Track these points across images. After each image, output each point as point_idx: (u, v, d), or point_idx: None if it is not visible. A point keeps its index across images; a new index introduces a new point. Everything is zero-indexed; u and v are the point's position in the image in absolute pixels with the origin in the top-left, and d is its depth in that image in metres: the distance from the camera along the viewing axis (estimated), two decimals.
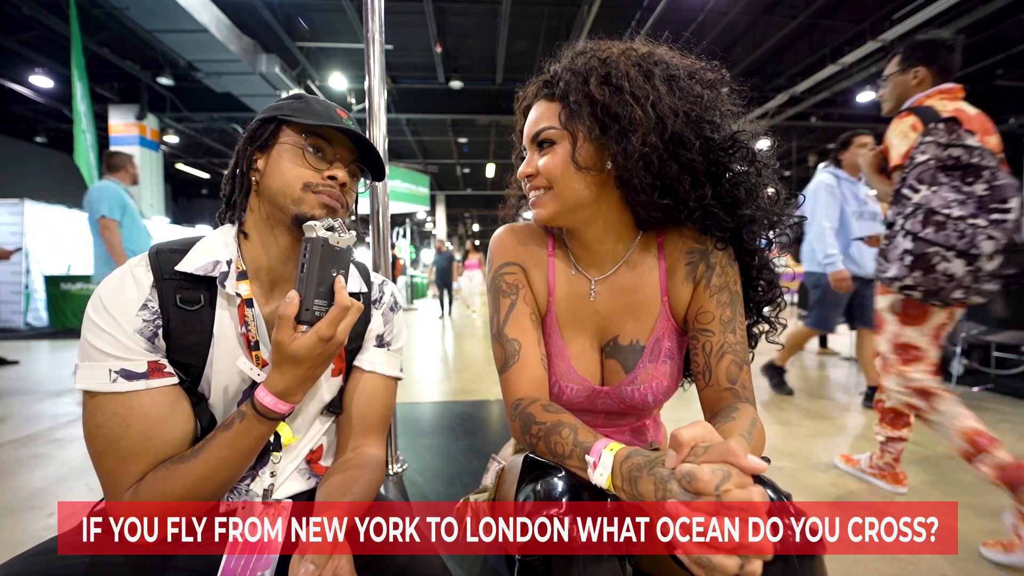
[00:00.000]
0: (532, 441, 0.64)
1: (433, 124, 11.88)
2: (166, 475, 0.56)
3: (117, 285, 0.59)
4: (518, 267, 0.78)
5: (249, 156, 0.67)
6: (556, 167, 0.68)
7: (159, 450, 0.57)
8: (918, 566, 1.26)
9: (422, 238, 26.60)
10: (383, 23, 1.47)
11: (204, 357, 0.62)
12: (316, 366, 0.58)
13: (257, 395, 0.58)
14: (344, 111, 0.70)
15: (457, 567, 1.03)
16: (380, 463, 0.71)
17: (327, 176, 0.65)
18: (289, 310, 0.55)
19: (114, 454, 0.55)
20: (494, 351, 0.76)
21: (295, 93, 0.71)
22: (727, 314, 0.70)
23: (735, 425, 0.58)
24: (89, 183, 7.15)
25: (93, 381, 0.55)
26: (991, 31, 7.34)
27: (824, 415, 2.60)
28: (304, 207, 0.63)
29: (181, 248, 0.63)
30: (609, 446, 0.54)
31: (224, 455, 0.57)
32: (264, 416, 0.58)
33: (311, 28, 7.62)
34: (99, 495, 0.60)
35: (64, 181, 11.92)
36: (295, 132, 0.66)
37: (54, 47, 7.53)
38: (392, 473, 1.55)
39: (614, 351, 0.77)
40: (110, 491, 0.56)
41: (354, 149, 0.70)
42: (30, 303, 6.78)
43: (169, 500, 0.55)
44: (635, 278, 0.76)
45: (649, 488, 0.47)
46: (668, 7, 6.25)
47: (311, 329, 0.56)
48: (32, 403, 2.90)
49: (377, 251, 1.52)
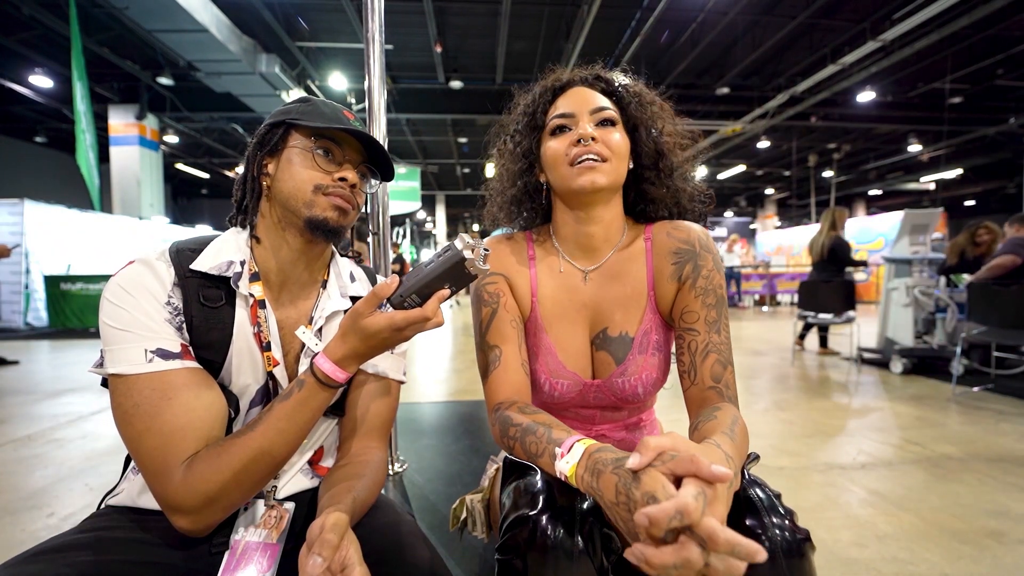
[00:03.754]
0: (510, 443, 0.65)
1: (433, 124, 11.87)
2: (223, 450, 0.55)
3: (137, 275, 0.59)
4: (500, 276, 0.80)
5: (259, 161, 0.68)
6: (620, 145, 0.74)
7: (204, 424, 0.57)
8: (918, 566, 1.26)
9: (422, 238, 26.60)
10: (383, 23, 1.47)
11: (224, 353, 0.63)
12: (374, 347, 0.60)
13: (317, 362, 0.59)
14: (350, 112, 0.71)
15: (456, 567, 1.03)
16: (382, 465, 0.71)
17: (338, 178, 0.66)
18: (384, 291, 0.58)
19: (157, 430, 0.54)
20: (478, 359, 0.78)
21: (302, 96, 0.72)
22: (712, 315, 0.72)
23: (717, 424, 0.59)
24: (89, 183, 7.17)
25: (127, 364, 0.55)
26: (991, 31, 7.34)
27: (824, 415, 2.60)
28: (316, 210, 0.65)
29: (197, 247, 0.65)
30: (583, 440, 0.55)
31: (283, 426, 0.58)
32: (323, 384, 0.59)
33: (311, 28, 7.62)
34: (99, 496, 0.60)
35: (64, 181, 11.93)
36: (304, 135, 0.66)
37: (54, 47, 7.53)
38: (392, 473, 1.55)
39: (604, 343, 0.78)
40: (158, 471, 0.54)
41: (362, 150, 0.71)
42: (30, 303, 6.78)
43: (226, 477, 0.54)
44: (625, 269, 0.78)
45: (610, 486, 0.47)
46: (668, 7, 6.24)
47: (390, 312, 0.58)
48: (32, 403, 2.90)
49: (377, 251, 1.51)
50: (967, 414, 2.58)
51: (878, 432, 2.31)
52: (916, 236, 3.80)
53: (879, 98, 9.69)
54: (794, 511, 0.55)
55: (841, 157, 13.80)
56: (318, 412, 0.61)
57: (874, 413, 2.64)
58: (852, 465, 1.92)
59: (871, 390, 3.18)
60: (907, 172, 15.53)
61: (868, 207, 19.31)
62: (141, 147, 9.29)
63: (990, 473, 1.83)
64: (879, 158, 14.50)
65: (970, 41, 7.66)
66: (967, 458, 1.97)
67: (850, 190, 18.01)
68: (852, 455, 2.02)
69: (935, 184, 16.45)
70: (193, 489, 0.54)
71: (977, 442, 2.14)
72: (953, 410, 2.66)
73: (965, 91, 9.76)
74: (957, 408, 2.70)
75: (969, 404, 2.77)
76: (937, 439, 2.20)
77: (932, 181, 15.89)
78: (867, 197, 19.19)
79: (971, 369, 3.51)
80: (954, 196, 18.71)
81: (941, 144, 12.02)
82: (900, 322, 3.77)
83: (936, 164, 14.31)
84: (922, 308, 3.69)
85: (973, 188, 17.08)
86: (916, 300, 3.65)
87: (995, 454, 2.01)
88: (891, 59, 7.39)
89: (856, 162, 14.93)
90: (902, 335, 3.74)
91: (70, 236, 7.38)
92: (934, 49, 7.53)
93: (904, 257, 3.77)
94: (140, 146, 9.27)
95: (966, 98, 10.07)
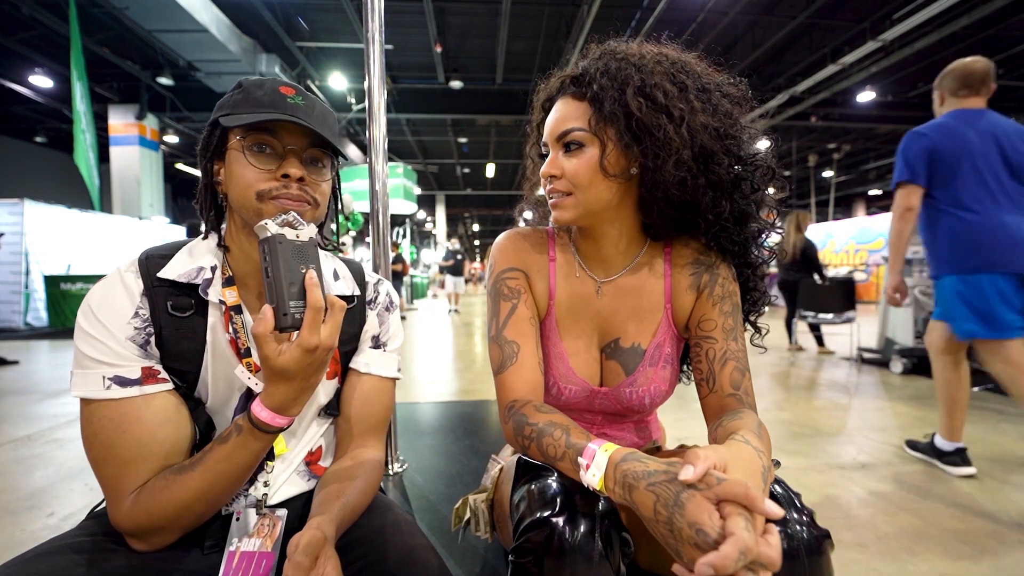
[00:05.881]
0: (524, 443, 0.64)
1: (433, 124, 11.88)
2: (164, 485, 0.55)
3: (107, 292, 0.58)
4: (520, 272, 0.78)
5: (208, 168, 0.62)
6: (584, 173, 0.67)
7: (158, 455, 0.56)
8: (918, 566, 1.26)
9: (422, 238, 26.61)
10: (383, 23, 1.47)
11: (199, 363, 0.61)
12: (308, 377, 0.54)
13: (253, 410, 0.55)
14: (290, 87, 0.62)
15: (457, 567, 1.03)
16: (378, 464, 0.71)
17: (280, 175, 0.58)
18: (263, 327, 0.50)
19: (112, 461, 0.55)
20: (491, 353, 0.76)
21: (236, 82, 0.63)
22: (729, 323, 0.72)
23: (743, 423, 0.59)
24: (89, 183, 7.16)
25: (87, 389, 0.55)
26: (991, 31, 7.34)
27: (824, 415, 2.60)
28: (267, 218, 0.57)
29: (167, 253, 0.61)
30: (604, 447, 0.54)
31: (221, 468, 0.55)
32: (261, 431, 0.55)
33: (311, 28, 7.63)
34: (99, 496, 0.60)
35: (64, 181, 11.92)
36: (237, 133, 0.59)
37: (54, 47, 7.54)
38: (392, 473, 1.55)
39: (615, 353, 0.77)
40: (111, 498, 0.56)
41: (309, 131, 0.60)
42: (30, 303, 6.78)
43: (168, 512, 0.54)
44: (641, 283, 0.77)
45: (647, 504, 0.47)
46: (668, 7, 6.25)
47: (294, 341, 0.52)
48: (32, 403, 2.90)
49: (377, 251, 1.51)
50: (967, 414, 2.58)
51: (878, 432, 2.31)
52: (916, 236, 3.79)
53: (879, 98, 9.69)
54: (813, 510, 0.56)
55: (841, 157, 13.81)
56: (259, 454, 0.57)
57: (874, 413, 2.64)
58: (852, 465, 1.92)
59: (871, 390, 3.18)
60: None
61: (868, 207, 19.31)
62: (141, 147, 9.29)
63: (990, 473, 1.83)
64: (879, 158, 14.51)
65: (970, 41, 7.66)
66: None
67: (850, 190, 18.00)
68: (852, 455, 2.02)
69: None
70: (138, 518, 0.54)
71: (977, 442, 2.14)
72: None
73: None
74: None
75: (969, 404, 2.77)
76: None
77: None
78: (867, 197, 19.19)
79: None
80: None
81: None
82: (900, 322, 3.77)
83: None
84: (922, 308, 3.69)
85: None
86: (916, 300, 3.65)
87: (995, 454, 2.01)
88: (891, 59, 7.39)
89: (856, 162, 14.94)
90: (902, 335, 3.74)
91: (70, 236, 7.38)
92: (934, 49, 7.53)
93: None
94: (140, 146, 9.28)
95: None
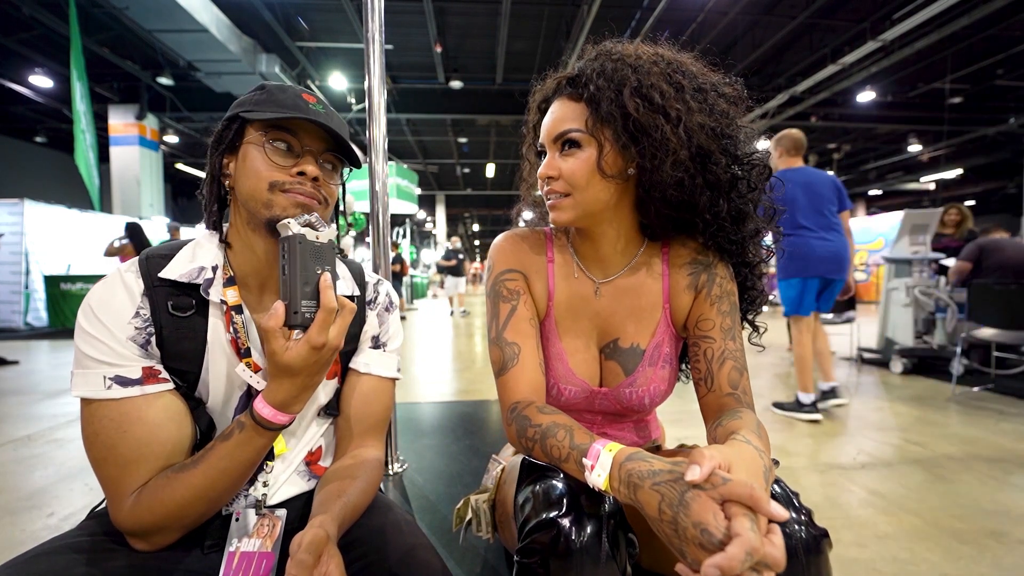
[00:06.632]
0: (528, 445, 0.64)
1: (433, 124, 11.88)
2: (166, 483, 0.55)
3: (107, 292, 0.58)
4: (519, 274, 0.78)
5: (219, 160, 0.63)
6: (581, 173, 0.68)
7: (158, 455, 0.56)
8: (918, 566, 1.26)
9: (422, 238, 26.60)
10: (383, 23, 1.47)
11: (199, 363, 0.61)
12: (313, 374, 0.56)
13: (256, 406, 0.56)
14: (311, 95, 0.65)
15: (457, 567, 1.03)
16: (377, 464, 0.71)
17: (296, 172, 0.60)
18: (273, 322, 0.52)
19: (113, 461, 0.55)
20: (492, 354, 0.76)
21: (258, 84, 0.66)
22: (727, 322, 0.72)
23: (742, 423, 0.59)
24: (88, 183, 7.16)
25: (88, 388, 0.55)
26: (991, 31, 7.34)
27: (824, 415, 2.60)
28: (276, 210, 0.59)
29: (168, 253, 0.62)
30: (608, 447, 0.54)
31: (223, 466, 0.56)
32: (264, 428, 0.56)
33: (311, 28, 7.62)
34: (99, 496, 0.60)
35: (64, 181, 11.92)
36: (257, 129, 0.61)
37: (54, 47, 7.53)
38: (392, 473, 1.55)
39: (614, 353, 0.78)
40: (112, 497, 0.56)
41: (326, 138, 0.64)
42: (30, 303, 6.78)
43: (170, 509, 0.54)
44: (639, 283, 0.77)
45: (651, 503, 0.47)
46: (668, 7, 6.24)
47: (303, 338, 0.53)
48: (32, 403, 2.90)
49: (377, 251, 1.51)
50: (967, 414, 2.58)
51: (878, 432, 2.31)
52: (916, 236, 3.80)
53: (879, 98, 9.69)
54: (811, 509, 0.56)
55: (841, 157, 13.81)
56: (261, 452, 0.58)
57: (874, 413, 2.64)
58: (852, 465, 1.92)
59: (871, 390, 3.18)
60: (907, 172, 15.54)
61: (868, 207, 19.31)
62: (141, 147, 9.29)
63: (990, 473, 1.83)
64: (879, 158, 14.51)
65: (970, 41, 7.66)
66: (967, 458, 1.97)
67: (850, 190, 17.91)
68: (852, 455, 2.02)
69: (935, 184, 16.46)
70: (140, 518, 0.54)
71: (977, 442, 2.14)
72: (953, 410, 2.66)
73: (965, 91, 9.77)
74: (957, 408, 2.70)
75: (969, 404, 2.77)
76: (937, 439, 2.20)
77: (932, 181, 15.90)
78: (867, 197, 19.19)
79: (971, 369, 3.51)
80: (954, 196, 18.67)
81: (941, 144, 12.02)
82: (900, 322, 3.77)
83: (936, 164, 14.33)
84: (922, 308, 3.69)
85: (973, 188, 17.07)
86: (916, 300, 3.65)
87: (995, 454, 2.01)
88: (891, 59, 7.39)
89: (856, 162, 14.93)
90: (902, 335, 3.74)
91: (70, 236, 7.37)
92: (934, 49, 7.54)
93: (904, 257, 3.77)
94: (140, 146, 9.27)
95: (966, 98, 10.08)
